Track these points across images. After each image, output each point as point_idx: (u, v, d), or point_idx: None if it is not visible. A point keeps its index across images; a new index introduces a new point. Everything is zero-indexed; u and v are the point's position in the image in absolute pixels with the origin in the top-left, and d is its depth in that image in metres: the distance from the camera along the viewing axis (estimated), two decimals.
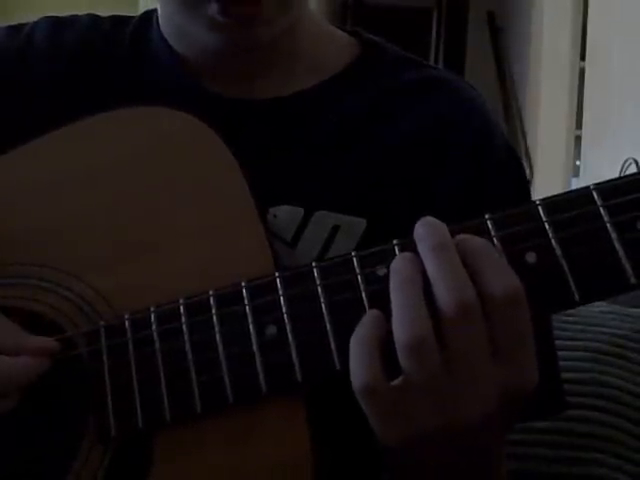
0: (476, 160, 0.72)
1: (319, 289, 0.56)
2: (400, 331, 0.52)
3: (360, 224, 0.69)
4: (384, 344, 0.53)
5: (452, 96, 0.75)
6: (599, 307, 1.01)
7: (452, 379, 0.52)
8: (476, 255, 0.52)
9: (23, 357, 0.59)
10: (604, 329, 0.97)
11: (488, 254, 0.53)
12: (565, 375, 0.82)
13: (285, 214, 0.69)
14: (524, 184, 0.76)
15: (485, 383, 0.52)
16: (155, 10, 0.79)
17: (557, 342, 0.91)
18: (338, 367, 0.55)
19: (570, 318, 0.98)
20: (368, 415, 0.54)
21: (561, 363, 0.79)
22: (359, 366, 0.53)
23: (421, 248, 0.53)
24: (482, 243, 0.53)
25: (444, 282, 0.52)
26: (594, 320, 0.99)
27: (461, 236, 0.54)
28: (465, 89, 0.77)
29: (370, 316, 0.54)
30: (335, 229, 0.69)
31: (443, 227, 0.54)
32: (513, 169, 0.75)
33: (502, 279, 0.52)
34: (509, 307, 0.52)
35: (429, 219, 0.54)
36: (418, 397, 0.53)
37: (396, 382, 0.53)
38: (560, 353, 0.92)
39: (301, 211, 0.69)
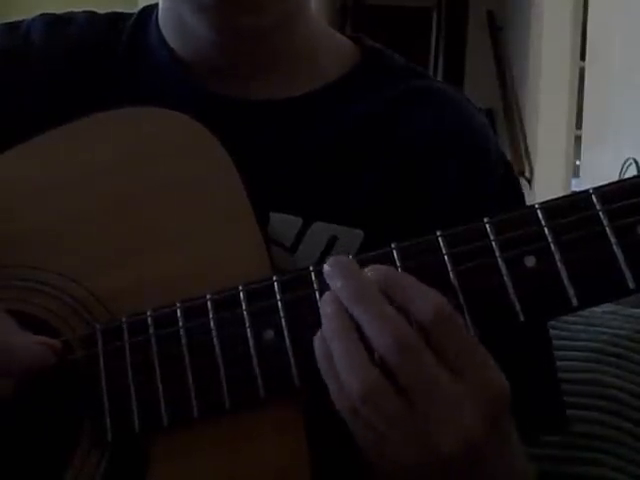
0: (472, 173, 0.72)
1: (316, 293, 0.56)
2: (352, 380, 0.51)
3: (358, 235, 0.69)
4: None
5: (450, 108, 0.75)
6: (601, 307, 1.01)
7: (420, 415, 0.51)
8: (396, 287, 0.52)
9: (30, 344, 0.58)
10: (605, 329, 0.97)
11: (405, 282, 0.52)
12: (566, 375, 0.82)
13: (283, 223, 0.68)
14: (519, 198, 0.76)
15: (456, 408, 0.51)
16: (154, 6, 0.78)
17: (558, 342, 0.91)
18: None
19: (571, 318, 0.98)
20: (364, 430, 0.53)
21: (562, 363, 0.79)
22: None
23: (342, 298, 0.52)
24: (395, 274, 0.53)
25: (374, 326, 0.51)
26: (595, 320, 0.98)
27: (371, 269, 0.53)
28: (463, 102, 0.77)
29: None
30: (333, 240, 0.68)
31: (355, 269, 0.53)
32: (509, 183, 0.75)
33: (428, 301, 0.51)
34: (443, 324, 0.51)
35: (338, 260, 0.54)
36: (389, 439, 0.52)
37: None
38: (561, 353, 0.92)
39: (299, 221, 0.69)
